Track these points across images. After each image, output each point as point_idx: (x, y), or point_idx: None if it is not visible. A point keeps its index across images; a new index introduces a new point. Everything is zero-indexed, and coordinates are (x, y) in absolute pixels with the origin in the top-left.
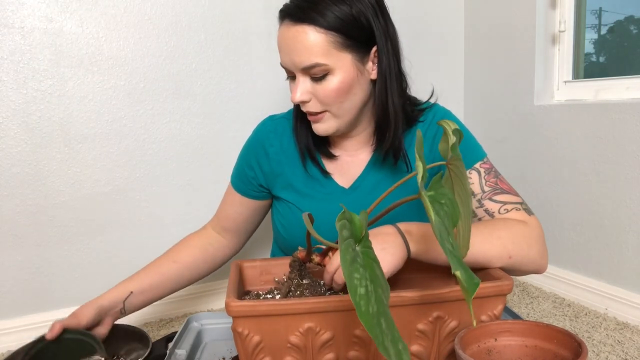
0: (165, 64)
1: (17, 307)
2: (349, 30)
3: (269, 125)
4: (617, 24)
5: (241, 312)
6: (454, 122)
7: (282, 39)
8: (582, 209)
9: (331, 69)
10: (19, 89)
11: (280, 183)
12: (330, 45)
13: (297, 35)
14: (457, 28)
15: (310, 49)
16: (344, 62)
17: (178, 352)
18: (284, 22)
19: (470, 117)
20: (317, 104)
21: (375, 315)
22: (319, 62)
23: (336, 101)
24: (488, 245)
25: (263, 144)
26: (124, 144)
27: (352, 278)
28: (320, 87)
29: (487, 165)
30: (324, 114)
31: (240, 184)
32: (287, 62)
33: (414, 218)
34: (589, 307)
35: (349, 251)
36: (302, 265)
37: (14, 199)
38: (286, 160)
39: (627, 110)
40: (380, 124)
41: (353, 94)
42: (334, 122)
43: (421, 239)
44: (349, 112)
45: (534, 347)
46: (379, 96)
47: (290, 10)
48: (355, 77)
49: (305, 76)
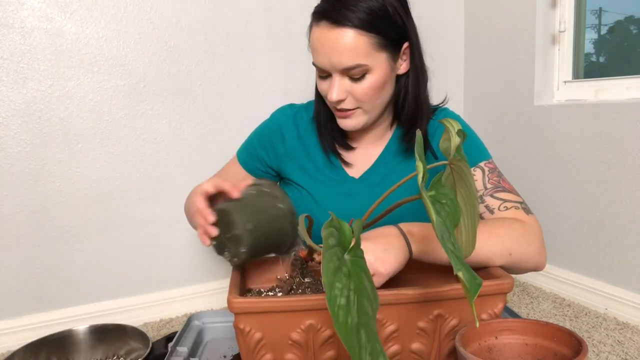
0: (165, 64)
1: (17, 307)
2: (386, 30)
3: (288, 112)
4: (617, 24)
5: (243, 308)
6: (458, 122)
7: (320, 40)
8: (582, 209)
9: (370, 69)
10: (19, 89)
11: (293, 167)
12: (370, 46)
13: (339, 37)
14: (457, 28)
15: (352, 50)
16: (381, 61)
17: (179, 349)
18: (321, 24)
19: (470, 117)
20: (352, 102)
21: (354, 327)
22: (360, 63)
23: (371, 98)
24: (489, 243)
25: (281, 128)
26: (124, 144)
27: (333, 287)
28: (357, 86)
29: (491, 165)
30: (357, 110)
31: (247, 159)
32: (324, 63)
33: (418, 216)
34: (589, 307)
35: (332, 260)
36: (303, 264)
37: (14, 199)
38: (301, 147)
39: (627, 110)
40: (412, 116)
41: (385, 90)
42: (364, 117)
43: (423, 239)
44: (378, 108)
45: (534, 345)
46: (413, 90)
47: (328, 12)
48: (389, 74)
49: (343, 76)
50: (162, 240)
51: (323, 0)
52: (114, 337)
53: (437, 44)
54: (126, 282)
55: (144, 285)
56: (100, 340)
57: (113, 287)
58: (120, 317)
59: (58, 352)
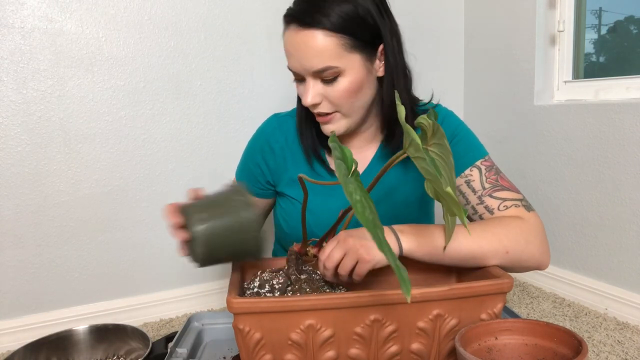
0: (165, 64)
1: (17, 307)
2: (357, 30)
3: (274, 122)
4: (617, 24)
5: (242, 309)
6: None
7: (290, 43)
8: (582, 209)
9: (342, 71)
10: (19, 89)
11: (285, 179)
12: (340, 47)
13: (307, 39)
14: (457, 28)
15: (321, 52)
16: (353, 63)
17: (179, 350)
18: (291, 27)
19: (470, 117)
20: (328, 105)
21: (372, 222)
22: (330, 65)
23: (347, 101)
24: (483, 241)
25: (268, 140)
26: (124, 144)
27: (347, 186)
28: (331, 89)
29: (488, 163)
30: (335, 114)
31: (245, 181)
32: (296, 66)
33: (415, 213)
34: (589, 307)
35: (342, 168)
36: (298, 259)
37: (14, 199)
38: (291, 157)
39: (627, 110)
40: (389, 120)
41: (363, 93)
42: (345, 121)
43: (413, 237)
44: (358, 111)
45: (534, 346)
46: (387, 92)
47: (296, 14)
48: (364, 76)
49: (315, 79)
50: (162, 240)
51: (293, 3)
52: (114, 337)
53: (437, 44)
54: (126, 282)
55: (144, 285)
56: (100, 340)
57: (113, 287)
58: (120, 317)
59: (58, 352)
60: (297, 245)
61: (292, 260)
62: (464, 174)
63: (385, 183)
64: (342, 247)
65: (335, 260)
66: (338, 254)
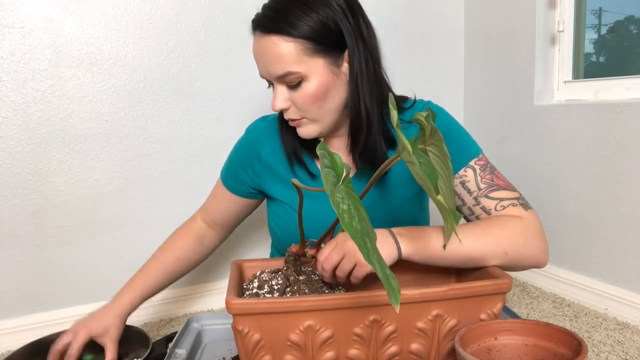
0: (165, 64)
1: (17, 307)
2: (318, 36)
3: (261, 126)
4: (617, 24)
5: (241, 310)
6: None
7: (255, 50)
8: (582, 209)
9: (305, 76)
10: (19, 89)
11: (274, 183)
12: (300, 52)
13: (268, 45)
14: (457, 28)
15: (281, 58)
16: (317, 68)
17: (178, 351)
18: (256, 33)
19: (470, 117)
20: (296, 111)
21: (359, 232)
22: (292, 71)
23: (313, 106)
24: (482, 243)
25: (255, 145)
26: (124, 144)
27: (334, 195)
28: (297, 94)
29: (482, 162)
30: (302, 119)
31: (231, 183)
32: (262, 72)
33: (411, 212)
34: (589, 307)
35: (329, 176)
36: (297, 260)
37: (14, 199)
38: (279, 161)
39: (627, 110)
40: (352, 126)
41: (330, 97)
42: (313, 126)
43: (412, 240)
44: (328, 116)
45: (533, 346)
46: (351, 97)
47: (259, 21)
48: (330, 81)
49: (281, 84)
50: (162, 240)
51: (260, 9)
52: None
53: (437, 44)
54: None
55: None
56: None
57: (113, 287)
58: None
59: None
60: (295, 247)
61: (291, 261)
62: (459, 174)
63: (381, 185)
64: (340, 249)
65: (333, 262)
66: (336, 256)
